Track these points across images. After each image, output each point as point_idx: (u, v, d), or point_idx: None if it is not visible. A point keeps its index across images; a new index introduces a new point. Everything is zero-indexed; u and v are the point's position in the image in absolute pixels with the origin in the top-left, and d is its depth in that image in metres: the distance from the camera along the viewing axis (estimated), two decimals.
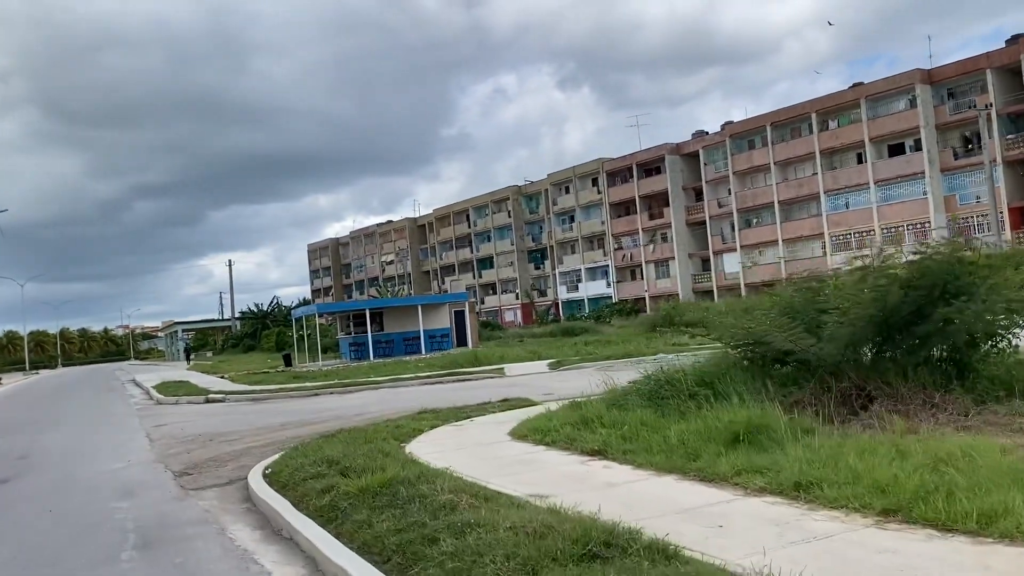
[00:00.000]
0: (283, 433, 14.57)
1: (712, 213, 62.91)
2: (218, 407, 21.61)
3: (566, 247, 76.15)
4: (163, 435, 16.05)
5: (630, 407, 10.52)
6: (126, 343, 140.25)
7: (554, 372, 22.20)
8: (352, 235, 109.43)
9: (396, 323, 39.44)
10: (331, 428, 14.67)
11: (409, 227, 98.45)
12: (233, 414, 19.20)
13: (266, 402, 21.70)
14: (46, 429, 19.08)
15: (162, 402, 24.74)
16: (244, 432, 15.36)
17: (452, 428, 11.92)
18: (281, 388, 23.92)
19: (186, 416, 19.75)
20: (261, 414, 18.49)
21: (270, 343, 65.77)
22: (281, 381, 28.64)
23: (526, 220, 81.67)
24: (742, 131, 60.33)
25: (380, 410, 16.89)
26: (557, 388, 17.82)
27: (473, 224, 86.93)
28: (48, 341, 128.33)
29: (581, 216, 73.52)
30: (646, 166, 67.58)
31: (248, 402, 22.11)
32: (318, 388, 22.86)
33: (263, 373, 37.05)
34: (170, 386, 29.32)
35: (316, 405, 19.45)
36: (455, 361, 26.74)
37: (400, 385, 21.95)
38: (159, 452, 13.57)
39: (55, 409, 26.03)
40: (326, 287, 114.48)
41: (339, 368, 33.73)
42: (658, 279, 66.73)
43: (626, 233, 69.45)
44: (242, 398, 22.99)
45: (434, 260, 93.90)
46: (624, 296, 68.55)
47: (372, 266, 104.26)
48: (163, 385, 30.33)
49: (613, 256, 70.16)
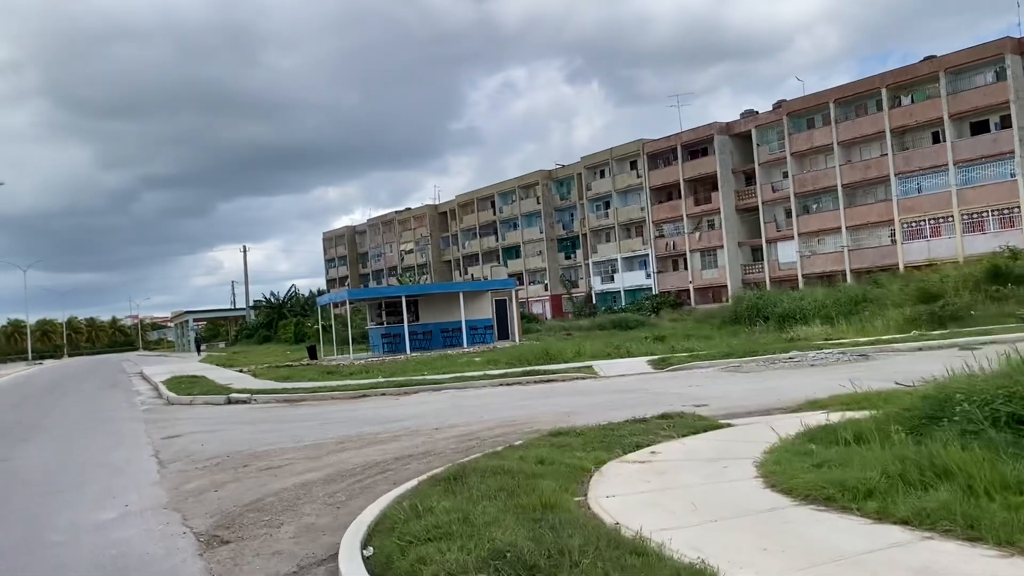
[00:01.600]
0: (347, 457, 10.22)
1: (765, 198, 58.20)
2: (244, 410, 17.28)
3: (600, 235, 71.53)
4: (177, 453, 11.72)
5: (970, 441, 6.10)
6: (135, 333, 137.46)
7: (663, 372, 17.75)
8: (369, 223, 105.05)
9: (433, 313, 35.07)
10: (414, 450, 10.36)
11: (430, 214, 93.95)
12: (267, 422, 14.86)
13: (304, 405, 17.35)
14: (26, 438, 14.77)
15: (173, 402, 20.45)
16: (290, 452, 11.02)
17: (639, 468, 7.49)
18: (319, 387, 19.56)
19: (205, 422, 15.43)
20: (304, 423, 14.14)
21: (288, 334, 61.53)
22: (312, 377, 24.34)
23: (556, 206, 77.04)
24: (801, 109, 55.55)
25: (467, 422, 12.53)
26: (702, 396, 13.40)
27: (499, 211, 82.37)
28: (55, 330, 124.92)
29: (618, 202, 68.84)
30: (692, 147, 62.87)
31: (282, 404, 17.76)
32: (364, 388, 18.51)
33: (287, 367, 32.83)
34: (183, 382, 25.03)
35: (372, 412, 15.09)
36: (520, 357, 22.36)
37: (470, 387, 17.56)
38: (172, 486, 9.22)
39: (46, 409, 21.75)
40: (341, 277, 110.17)
41: (375, 363, 29.43)
42: (704, 269, 62.07)
43: (668, 220, 64.80)
44: (272, 399, 18.66)
45: (456, 249, 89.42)
46: (665, 288, 63.95)
47: (390, 255, 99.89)
48: (175, 380, 26.05)
49: (653, 244, 65.52)
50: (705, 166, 61.35)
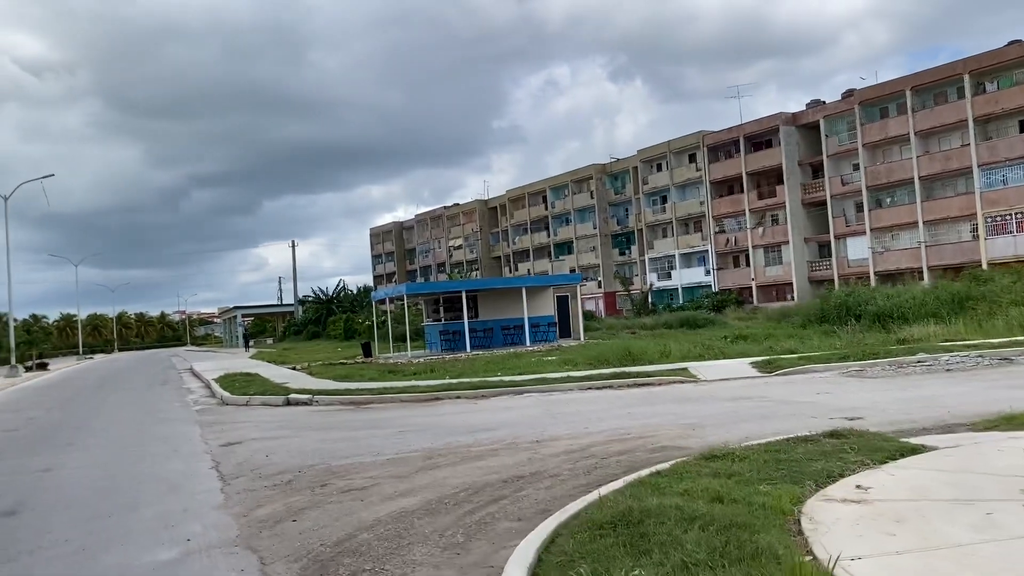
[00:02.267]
0: (441, 476, 8.51)
1: (834, 191, 55.47)
2: (306, 413, 15.74)
3: (657, 230, 69.28)
4: (240, 465, 10.14)
5: None
6: (183, 328, 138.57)
7: (773, 376, 15.77)
8: (417, 218, 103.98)
9: (492, 309, 33.40)
10: (520, 469, 8.65)
11: (479, 209, 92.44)
12: (335, 428, 13.25)
13: (372, 408, 15.74)
14: (72, 442, 13.38)
15: (228, 402, 19.03)
16: (371, 468, 9.37)
17: (859, 511, 5.59)
18: (384, 388, 17.95)
19: (266, 427, 13.90)
20: (378, 430, 12.50)
21: (337, 330, 60.47)
22: (373, 376, 22.81)
23: (611, 201, 74.90)
24: (874, 97, 52.71)
25: (571, 433, 10.76)
26: (844, 407, 11.44)
27: (551, 206, 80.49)
28: (105, 325, 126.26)
29: (676, 196, 66.51)
30: (755, 139, 60.33)
31: (347, 408, 16.17)
32: (435, 390, 16.84)
33: (342, 364, 31.44)
34: (236, 380, 23.68)
35: (453, 418, 13.40)
36: (599, 357, 20.52)
37: (555, 390, 15.79)
38: (240, 512, 7.60)
39: (94, 407, 20.52)
40: (388, 273, 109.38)
41: (434, 361, 27.84)
42: (767, 266, 59.51)
43: (729, 215, 62.34)
44: (335, 400, 17.11)
45: (506, 244, 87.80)
46: (725, 285, 61.52)
47: (438, 251, 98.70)
48: (227, 378, 24.73)
49: (713, 240, 63.11)
50: (769, 158, 58.78)
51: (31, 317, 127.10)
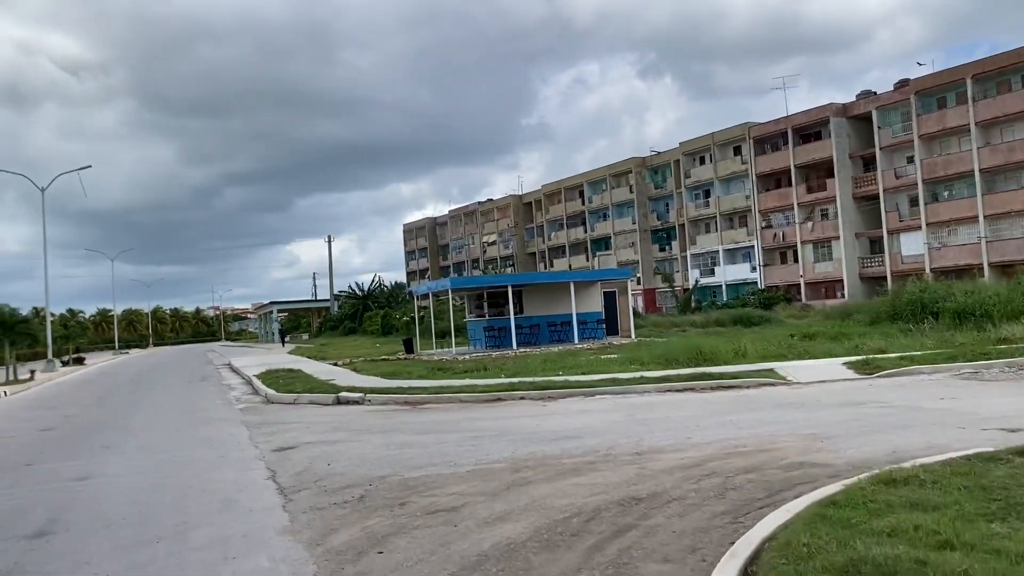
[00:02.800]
0: (539, 495, 7.19)
1: (887, 185, 53.34)
2: (360, 414, 14.52)
3: (699, 225, 67.47)
4: (300, 476, 8.92)
5: None
6: (217, 324, 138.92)
7: (875, 379, 14.24)
8: (451, 214, 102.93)
9: (538, 304, 32.04)
10: (633, 489, 7.35)
11: (514, 204, 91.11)
12: (397, 431, 11.99)
13: (431, 409, 14.48)
14: (111, 445, 12.28)
15: (274, 400, 17.92)
16: (452, 481, 8.10)
17: None
18: (440, 387, 16.69)
19: (320, 429, 12.71)
20: (446, 435, 11.23)
21: (374, 325, 59.49)
22: (422, 374, 21.59)
23: (650, 196, 73.19)
24: (932, 87, 50.48)
25: (674, 445, 9.39)
26: (987, 415, 9.95)
27: (588, 201, 78.93)
28: (140, 320, 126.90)
29: (720, 190, 64.66)
30: (803, 131, 58.29)
31: (402, 408, 14.93)
32: (496, 390, 15.55)
33: (384, 360, 30.37)
34: (279, 376, 22.62)
35: (526, 422, 12.09)
36: (667, 356, 19.09)
37: (630, 392, 14.41)
38: (311, 539, 6.34)
39: (133, 405, 19.53)
40: (422, 269, 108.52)
41: (482, 358, 26.59)
42: (816, 262, 57.51)
43: (776, 209, 60.38)
44: (389, 400, 15.89)
45: (541, 240, 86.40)
46: (772, 282, 59.60)
47: (472, 247, 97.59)
48: (269, 374, 23.70)
49: (760, 235, 61.19)
50: (819, 151, 56.76)
51: (68, 311, 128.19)
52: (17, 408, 20.24)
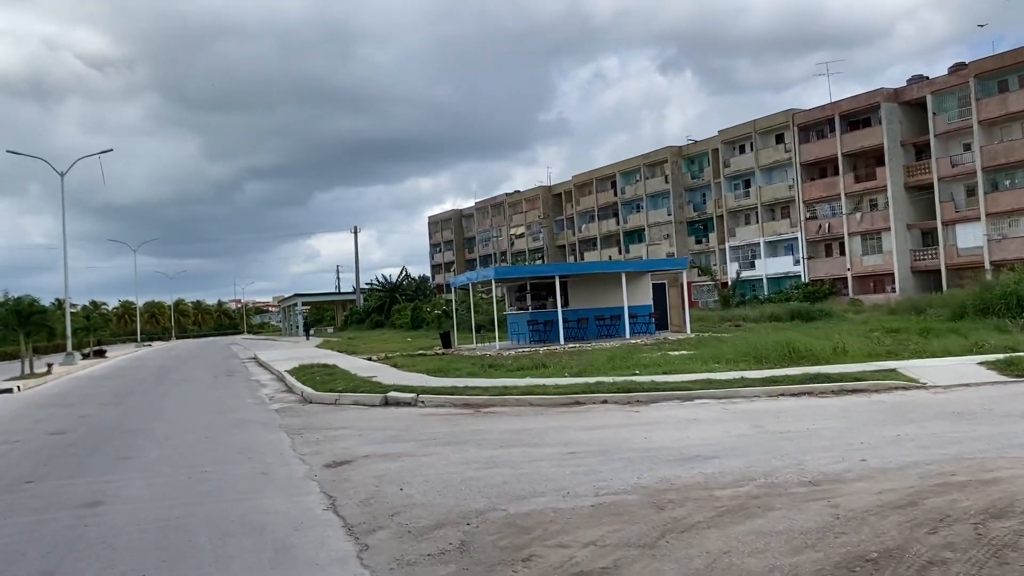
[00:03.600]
0: (719, 553, 4.87)
1: (942, 174, 50.66)
2: (416, 418, 12.50)
3: (739, 217, 64.99)
4: (368, 507, 6.88)
5: None
6: (239, 317, 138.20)
7: None
8: (477, 206, 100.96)
9: (584, 297, 29.94)
10: (835, 538, 5.09)
11: (543, 196, 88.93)
12: (470, 443, 9.92)
13: (498, 414, 12.42)
14: (129, 455, 10.33)
15: (312, 400, 15.98)
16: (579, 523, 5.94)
17: None
18: (504, 388, 14.58)
19: (373, 437, 10.72)
20: (533, 447, 9.17)
21: (403, 319, 57.62)
22: (473, 371, 19.55)
23: (686, 186, 70.76)
24: (992, 70, 47.75)
25: (849, 469, 7.25)
26: None
27: (620, 191, 76.59)
28: (163, 313, 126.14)
29: (761, 179, 62.14)
30: (851, 117, 55.67)
31: (465, 412, 12.88)
32: (571, 392, 13.47)
33: (421, 355, 28.39)
34: (314, 373, 20.67)
35: (620, 432, 10.00)
36: (754, 354, 16.95)
37: (735, 396, 12.28)
38: None
39: (155, 404, 17.65)
40: (447, 262, 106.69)
41: (530, 353, 24.55)
42: (865, 255, 54.92)
43: (822, 199, 57.82)
44: (445, 402, 13.86)
45: (571, 233, 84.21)
46: (817, 275, 57.08)
47: (499, 239, 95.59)
48: (303, 370, 21.76)
49: (804, 227, 58.65)
50: (868, 138, 54.15)
51: (91, 303, 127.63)
52: (28, 406, 18.42)
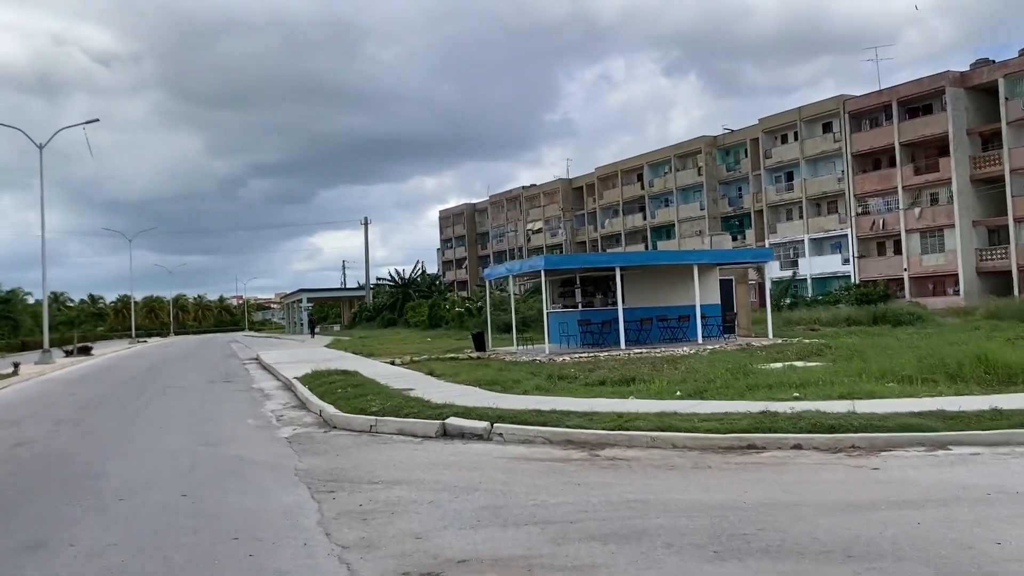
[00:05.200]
0: None
1: (1015, 165, 46.07)
2: (507, 465, 8.00)
3: (780, 212, 60.45)
4: None
5: None
6: (241, 313, 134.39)
7: None
8: (491, 199, 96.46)
9: (640, 293, 25.45)
10: None
11: (563, 189, 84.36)
12: (639, 536, 5.47)
13: (625, 461, 7.87)
14: (39, 545, 5.84)
15: (338, 424, 11.55)
16: None
17: None
18: (620, 419, 10.02)
19: (450, 504, 6.15)
20: (774, 559, 4.71)
21: (418, 317, 53.18)
22: (542, 384, 15.11)
23: (721, 179, 66.22)
24: None
25: None
26: None
27: (648, 184, 72.03)
28: (162, 308, 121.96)
29: (806, 171, 57.53)
30: (911, 103, 51.14)
31: (567, 452, 8.37)
32: (733, 427, 9.00)
33: (452, 359, 24.07)
34: (332, 382, 16.12)
35: (904, 515, 5.54)
36: (941, 367, 12.50)
37: (1013, 442, 7.83)
38: None
39: (127, 424, 13.11)
40: (459, 258, 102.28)
41: (591, 359, 20.12)
42: (924, 254, 50.34)
43: (875, 193, 53.24)
44: (537, 436, 9.38)
45: (592, 229, 79.65)
46: (869, 275, 52.51)
47: (513, 235, 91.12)
48: (317, 378, 17.23)
49: (855, 223, 54.09)
50: (931, 126, 49.59)
51: (88, 297, 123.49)
52: None
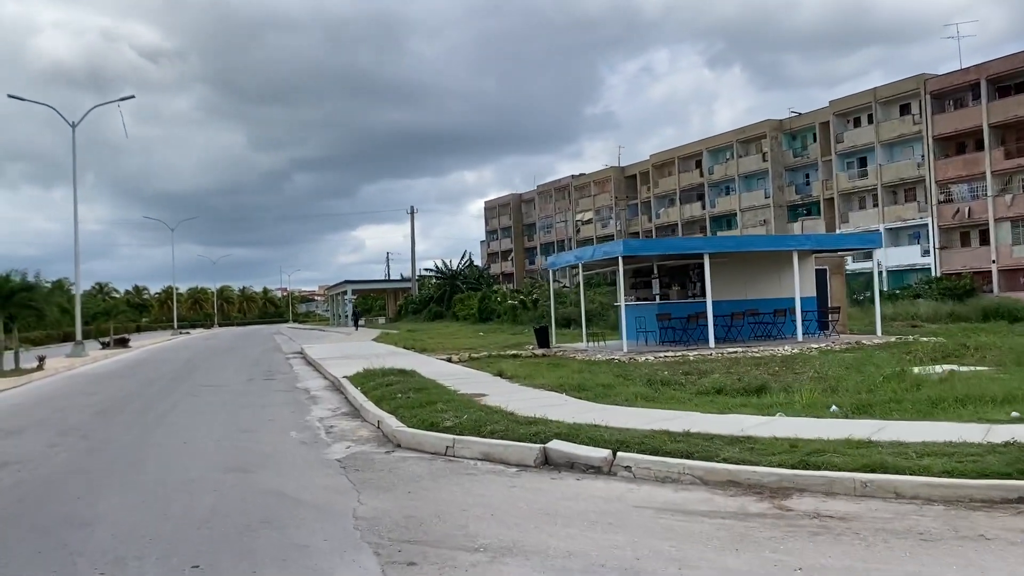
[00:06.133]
0: None
1: None
2: (645, 517, 5.25)
3: (852, 200, 56.72)
4: None
5: None
6: (285, 305, 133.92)
7: None
8: (539, 189, 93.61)
9: (726, 284, 22.38)
10: None
11: (615, 177, 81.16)
12: None
13: (836, 520, 5.15)
14: None
15: (401, 441, 8.95)
16: None
17: None
18: (792, 448, 7.25)
19: None
20: None
21: (467, 309, 50.69)
22: (642, 391, 12.44)
23: (787, 165, 62.60)
24: None
25: None
26: None
27: (707, 172, 68.60)
28: (206, 299, 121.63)
29: (882, 156, 53.73)
30: (1001, 81, 47.20)
31: (733, 498, 5.63)
32: (984, 468, 6.15)
33: (513, 356, 21.52)
34: (390, 384, 13.53)
35: None
36: None
37: None
38: None
39: (141, 439, 10.60)
40: (504, 251, 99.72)
41: (680, 359, 17.35)
42: (1016, 244, 46.35)
43: (960, 179, 49.36)
44: (681, 473, 6.61)
45: (647, 219, 76.39)
46: (952, 268, 48.69)
47: (561, 226, 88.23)
48: (370, 379, 14.68)
49: (936, 212, 50.31)
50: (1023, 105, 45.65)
51: (133, 288, 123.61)
52: None
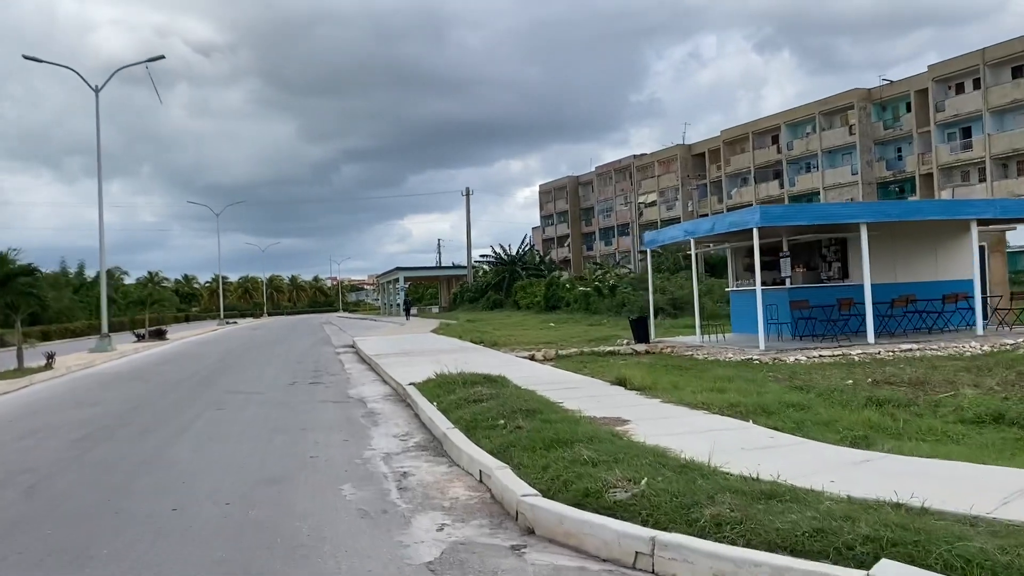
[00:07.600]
0: None
1: None
2: None
3: (954, 175, 51.29)
4: None
5: None
6: (335, 294, 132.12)
7: None
8: (598, 171, 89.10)
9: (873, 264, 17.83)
10: None
11: (681, 156, 76.23)
12: None
13: None
14: None
15: (539, 524, 4.81)
16: None
17: None
18: None
19: None
20: None
21: (530, 298, 46.66)
22: (884, 423, 8.13)
23: (876, 138, 57.24)
24: None
25: None
26: None
27: (786, 148, 63.43)
28: (256, 288, 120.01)
29: (991, 125, 48.25)
30: None
31: None
32: None
33: (611, 354, 17.55)
34: (480, 400, 9.48)
35: None
36: None
37: None
38: None
39: (122, 485, 6.75)
40: (560, 236, 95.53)
41: (841, 359, 13.12)
42: None
43: None
44: None
45: (716, 200, 71.47)
46: None
47: (622, 210, 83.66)
48: (448, 389, 10.65)
49: None
50: None
51: (183, 277, 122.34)
52: None
